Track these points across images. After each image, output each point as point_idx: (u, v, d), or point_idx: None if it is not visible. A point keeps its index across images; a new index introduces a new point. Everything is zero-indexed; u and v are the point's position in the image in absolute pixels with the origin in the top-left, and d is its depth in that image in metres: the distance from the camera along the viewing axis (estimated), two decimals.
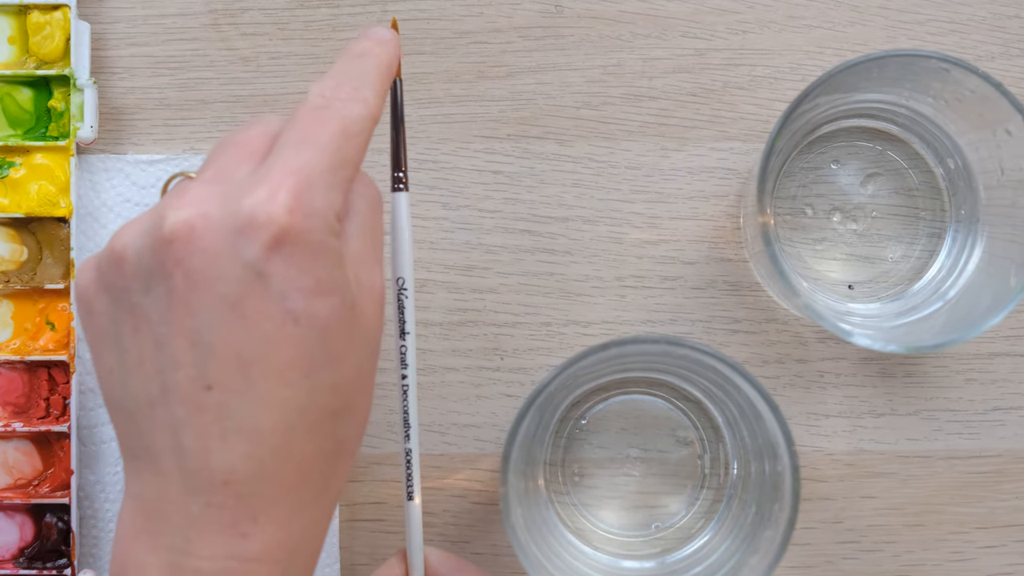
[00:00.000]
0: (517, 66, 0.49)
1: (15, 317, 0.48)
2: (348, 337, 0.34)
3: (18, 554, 0.47)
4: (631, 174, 0.49)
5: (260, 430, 0.33)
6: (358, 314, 0.35)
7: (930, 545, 0.49)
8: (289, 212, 0.33)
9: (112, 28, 0.49)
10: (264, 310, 0.33)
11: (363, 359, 0.35)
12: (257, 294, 0.33)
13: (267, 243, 0.33)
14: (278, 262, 0.33)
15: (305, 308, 0.33)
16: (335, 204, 0.34)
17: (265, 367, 0.33)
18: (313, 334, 0.33)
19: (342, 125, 0.35)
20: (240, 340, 0.33)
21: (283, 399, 0.33)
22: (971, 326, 0.42)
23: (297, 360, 0.33)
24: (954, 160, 0.47)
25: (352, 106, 0.35)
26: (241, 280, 0.33)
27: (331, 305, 0.34)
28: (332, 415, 0.34)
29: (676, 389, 0.48)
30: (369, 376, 0.36)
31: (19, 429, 0.47)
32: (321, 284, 0.33)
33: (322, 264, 0.33)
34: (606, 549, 0.48)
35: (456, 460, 0.48)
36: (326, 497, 0.36)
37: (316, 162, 0.34)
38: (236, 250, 0.33)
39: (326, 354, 0.34)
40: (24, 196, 0.48)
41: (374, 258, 0.36)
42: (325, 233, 0.33)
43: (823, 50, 0.49)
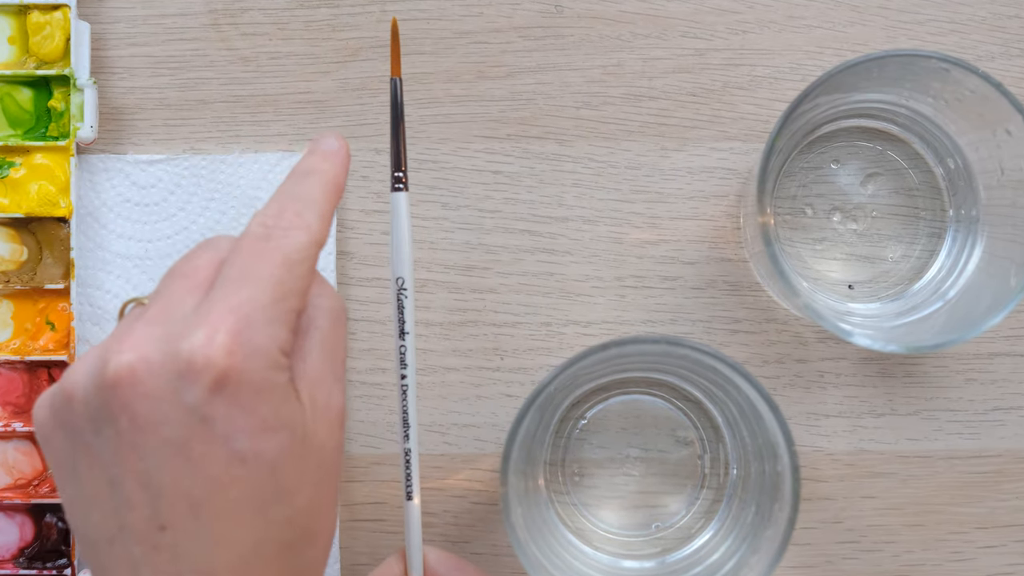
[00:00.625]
0: (517, 66, 0.49)
1: (15, 317, 0.48)
2: (300, 468, 0.34)
3: (18, 554, 0.47)
4: (631, 174, 0.49)
5: (214, 569, 0.33)
6: (311, 442, 0.35)
7: (930, 545, 0.49)
8: (228, 354, 0.33)
9: (112, 28, 0.49)
10: (210, 453, 0.33)
11: (320, 485, 0.35)
12: (201, 437, 0.33)
13: (208, 386, 0.33)
14: (220, 404, 0.33)
15: (251, 448, 0.33)
16: (278, 338, 0.34)
17: (215, 508, 0.33)
18: (262, 472, 0.33)
19: (283, 256, 0.35)
20: (188, 482, 0.33)
21: (235, 539, 0.33)
22: (971, 326, 0.42)
23: (247, 499, 0.33)
24: (954, 160, 0.47)
25: (294, 235, 0.35)
26: (185, 424, 0.33)
27: (278, 441, 0.34)
28: (288, 547, 0.34)
29: (676, 389, 0.48)
30: (328, 500, 0.36)
31: (19, 429, 0.47)
32: (266, 422, 0.33)
33: (266, 402, 0.33)
34: (606, 549, 0.48)
35: (456, 460, 0.48)
36: None
37: (256, 298, 0.34)
38: (178, 394, 0.33)
39: (277, 489, 0.34)
40: (24, 196, 0.48)
41: (333, 376, 0.36)
42: (268, 370, 0.33)
43: (823, 50, 0.49)
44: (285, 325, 0.34)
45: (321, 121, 0.49)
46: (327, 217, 0.37)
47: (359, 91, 0.49)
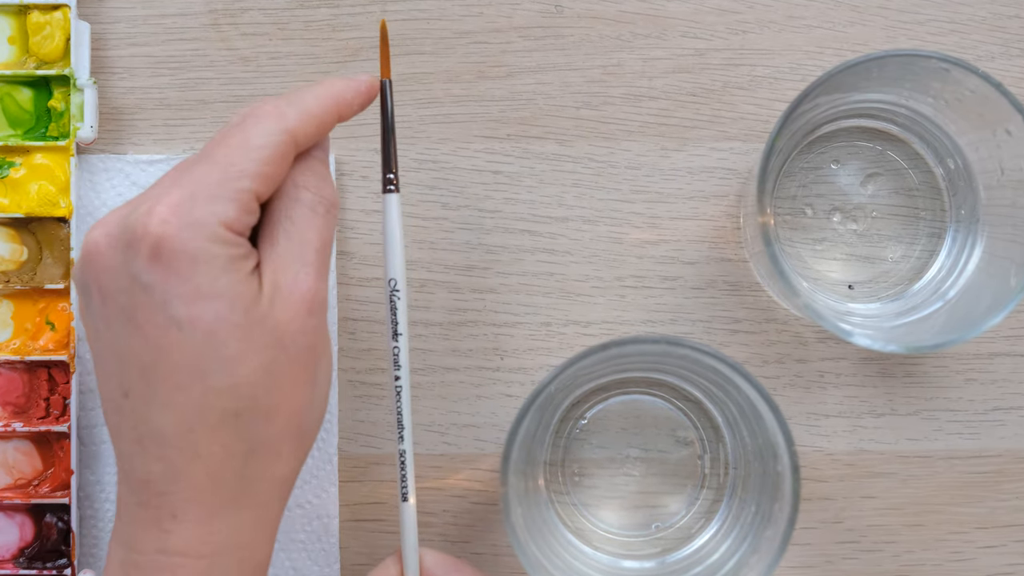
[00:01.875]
0: (517, 66, 0.49)
1: (15, 317, 0.48)
2: (244, 340, 0.35)
3: (18, 554, 0.47)
4: (631, 174, 0.49)
5: (164, 433, 0.36)
6: (263, 318, 0.36)
7: (930, 545, 0.49)
8: (162, 223, 0.35)
9: (112, 28, 0.49)
10: (151, 318, 0.35)
11: (274, 361, 0.36)
12: (144, 304, 0.35)
13: (146, 255, 0.35)
14: (158, 272, 0.35)
15: (186, 313, 0.35)
16: (220, 214, 0.35)
17: (160, 372, 0.35)
18: (198, 338, 0.35)
19: (242, 138, 0.36)
20: (139, 349, 0.35)
21: (179, 403, 0.35)
22: (971, 326, 0.42)
23: (187, 364, 0.35)
24: (954, 160, 0.47)
25: (263, 121, 0.37)
26: (131, 292, 0.35)
27: (214, 309, 0.35)
28: (235, 416, 0.36)
29: (676, 389, 0.48)
30: (287, 379, 0.37)
31: (19, 429, 0.47)
32: (200, 290, 0.35)
33: (202, 271, 0.35)
34: (606, 549, 0.48)
35: (456, 460, 0.48)
36: (250, 499, 0.37)
37: (204, 176, 0.36)
38: (126, 264, 0.35)
39: (217, 357, 0.35)
40: (24, 196, 0.48)
41: (300, 262, 0.37)
42: (205, 241, 0.35)
43: (823, 50, 0.49)
44: (233, 203, 0.36)
45: None
46: (311, 117, 0.38)
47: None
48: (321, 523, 0.48)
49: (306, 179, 0.38)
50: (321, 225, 0.38)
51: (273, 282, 0.36)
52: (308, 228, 0.37)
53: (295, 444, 0.38)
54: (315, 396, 0.38)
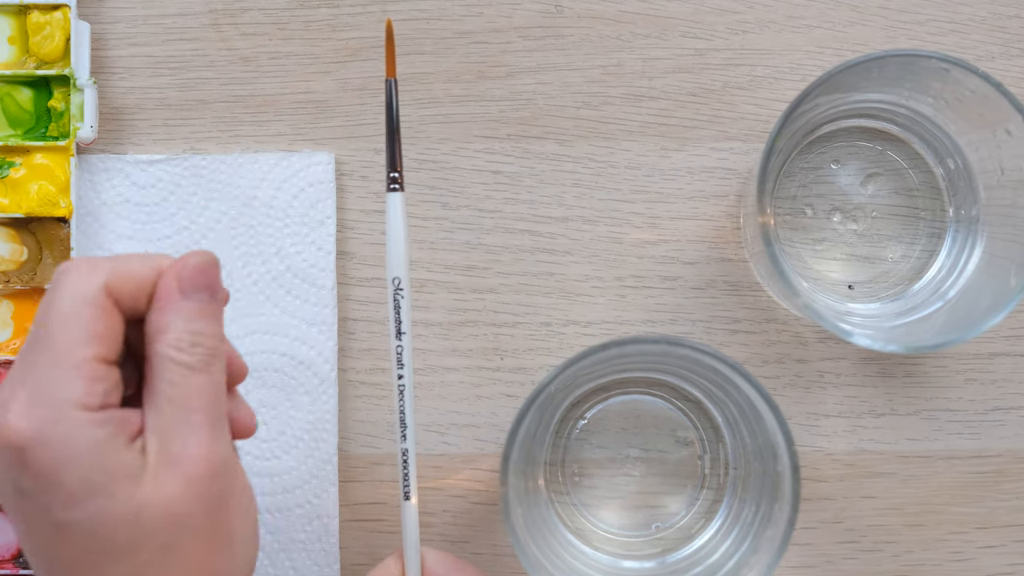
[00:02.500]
0: (517, 66, 0.49)
1: (15, 317, 0.48)
2: (133, 527, 0.33)
3: (18, 554, 0.47)
4: (631, 174, 0.49)
5: None
6: (149, 499, 0.33)
7: (930, 545, 0.49)
8: (18, 432, 0.33)
9: (112, 28, 0.49)
10: (36, 524, 0.34)
11: (175, 539, 0.34)
12: (27, 508, 0.34)
13: (17, 464, 0.33)
14: (29, 478, 0.33)
15: (66, 518, 0.33)
16: (70, 397, 0.33)
17: (60, 569, 0.34)
18: (83, 538, 0.33)
19: (56, 308, 0.34)
20: (36, 547, 0.34)
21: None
22: (971, 326, 0.42)
23: (82, 560, 0.34)
24: (954, 160, 0.47)
25: (68, 277, 0.34)
26: (16, 498, 0.34)
27: (93, 508, 0.33)
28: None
29: (676, 389, 0.48)
30: (194, 554, 0.34)
31: None
32: (73, 493, 0.33)
33: (72, 470, 0.33)
34: (606, 549, 0.48)
35: (456, 460, 0.48)
36: None
37: (37, 363, 0.34)
38: (5, 471, 0.34)
39: (109, 550, 0.33)
40: (24, 196, 0.48)
41: (186, 425, 0.34)
42: (67, 435, 0.33)
43: (823, 50, 0.49)
44: (77, 380, 0.33)
45: (321, 121, 0.49)
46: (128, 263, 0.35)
47: (359, 91, 0.49)
48: (321, 523, 0.48)
49: (176, 337, 0.35)
50: (203, 382, 0.35)
51: (159, 452, 0.34)
52: (191, 388, 0.35)
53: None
54: (233, 559, 0.36)
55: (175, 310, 0.35)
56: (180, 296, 0.35)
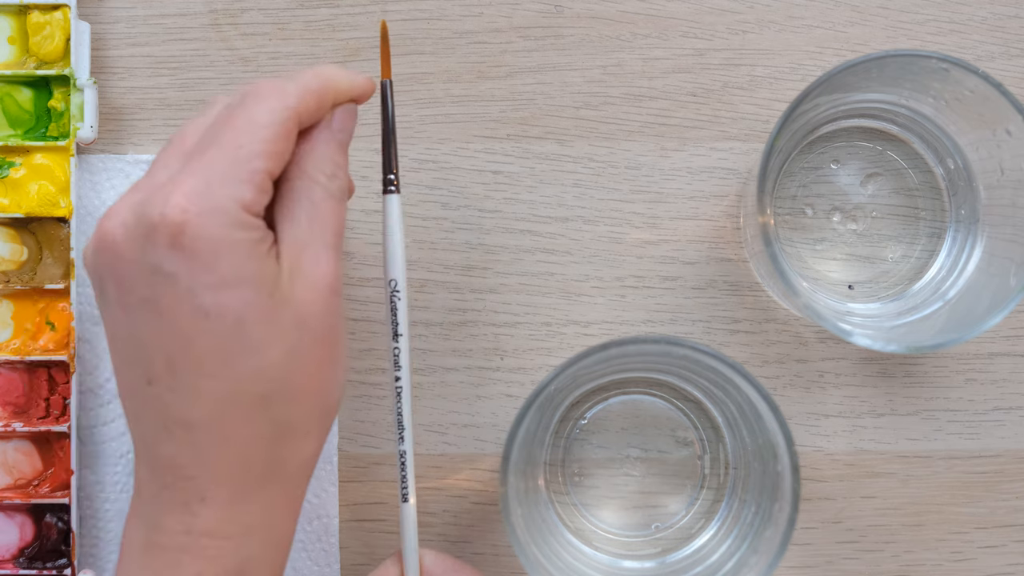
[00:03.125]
0: (517, 66, 0.49)
1: (15, 317, 0.48)
2: (269, 324, 0.35)
3: (18, 554, 0.47)
4: (631, 174, 0.49)
5: (192, 420, 0.36)
6: (286, 301, 0.36)
7: (930, 545, 0.49)
8: (182, 212, 0.35)
9: (112, 28, 0.49)
10: (176, 307, 0.35)
11: (300, 344, 0.36)
12: (168, 293, 0.35)
13: (166, 244, 0.35)
14: (180, 260, 0.35)
15: (212, 301, 0.35)
16: (237, 197, 0.35)
17: (186, 360, 0.35)
18: (226, 325, 0.35)
19: (246, 119, 0.36)
20: (163, 337, 0.35)
21: (207, 389, 0.35)
22: (971, 326, 0.42)
23: (214, 351, 0.35)
24: (954, 160, 0.47)
25: (264, 101, 0.37)
26: (153, 282, 0.35)
27: (241, 296, 0.35)
28: (263, 400, 0.36)
29: (676, 389, 0.48)
30: (312, 360, 0.37)
31: (19, 429, 0.47)
32: (225, 278, 0.35)
33: (225, 258, 0.35)
34: (606, 549, 0.48)
35: (456, 460, 0.48)
36: (277, 480, 0.37)
37: (216, 160, 0.35)
38: (145, 254, 0.35)
39: (243, 343, 0.35)
40: (24, 196, 0.48)
41: (322, 243, 0.37)
42: (226, 227, 0.35)
43: (823, 50, 0.49)
44: (248, 184, 0.35)
45: None
46: (310, 92, 0.38)
47: None
48: (321, 523, 0.48)
49: (324, 163, 0.38)
50: (338, 209, 0.38)
51: (294, 263, 0.36)
52: (328, 211, 0.37)
53: (320, 423, 0.38)
54: (336, 375, 0.38)
55: (325, 141, 0.38)
56: (330, 132, 0.38)
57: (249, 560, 0.37)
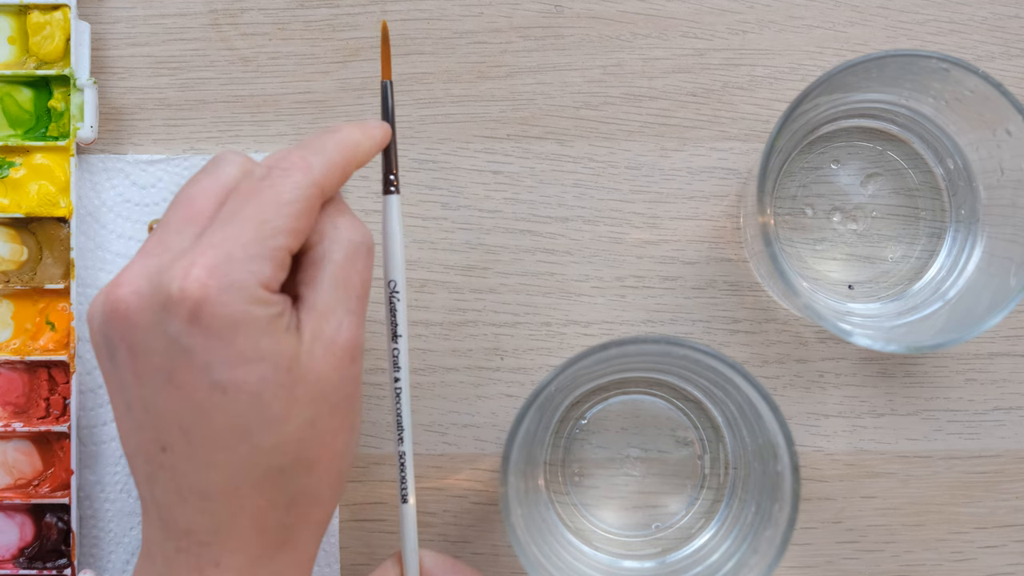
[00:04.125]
0: (517, 66, 0.49)
1: (15, 317, 0.48)
2: (288, 398, 0.35)
3: (18, 554, 0.47)
4: (631, 174, 0.49)
5: (208, 490, 0.36)
6: (305, 373, 0.36)
7: (930, 545, 0.49)
8: (202, 286, 0.34)
9: (112, 28, 0.49)
10: (192, 381, 0.35)
11: (317, 414, 0.36)
12: (184, 367, 0.35)
13: (185, 318, 0.34)
14: (198, 335, 0.34)
15: (230, 378, 0.35)
16: (259, 274, 0.35)
17: (202, 433, 0.35)
18: (243, 401, 0.35)
19: (274, 194, 0.36)
20: (179, 408, 0.35)
21: (223, 461, 0.35)
22: (971, 326, 0.42)
23: (232, 426, 0.35)
24: (954, 160, 0.47)
25: (291, 175, 0.36)
26: (169, 353, 0.35)
27: (259, 372, 0.35)
28: (279, 472, 0.36)
29: (676, 389, 0.48)
30: (328, 429, 0.37)
31: (19, 429, 0.47)
32: (244, 354, 0.35)
33: (244, 334, 0.35)
34: (606, 549, 0.48)
35: (456, 460, 0.48)
36: (290, 546, 0.37)
37: (239, 235, 0.35)
38: (162, 325, 0.35)
39: (262, 418, 0.35)
40: (24, 196, 0.48)
41: (344, 309, 0.37)
42: (246, 303, 0.34)
43: (823, 50, 0.49)
44: (270, 261, 0.35)
45: (321, 121, 0.49)
46: (335, 166, 0.38)
47: (359, 91, 0.49)
48: None
49: (343, 221, 0.37)
50: (363, 268, 0.37)
51: (315, 331, 0.36)
52: (352, 272, 0.37)
53: (334, 489, 0.38)
54: (351, 440, 0.38)
55: (342, 210, 0.38)
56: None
57: None
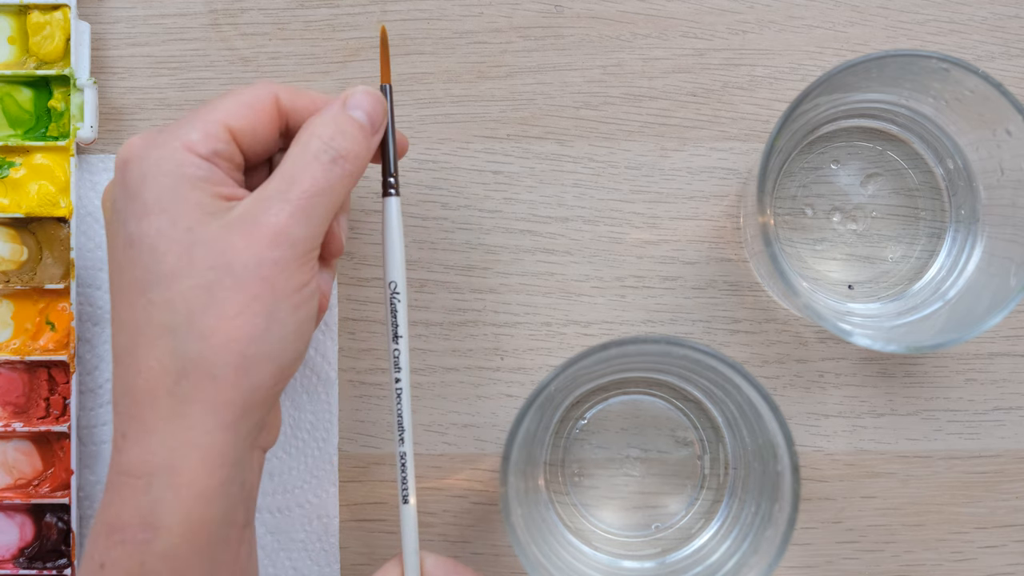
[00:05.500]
0: (517, 66, 0.49)
1: (15, 317, 0.48)
2: (183, 255, 0.36)
3: (18, 554, 0.47)
4: (631, 174, 0.49)
5: (118, 349, 0.37)
6: (209, 236, 0.36)
7: (930, 545, 0.49)
8: (130, 147, 0.37)
9: (112, 28, 0.49)
10: (115, 237, 0.37)
11: (214, 283, 0.36)
12: (112, 223, 0.37)
13: (119, 178, 0.37)
14: (120, 191, 0.37)
15: (136, 230, 0.36)
16: (184, 137, 0.37)
17: (118, 289, 0.37)
18: (144, 253, 0.36)
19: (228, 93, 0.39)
20: (111, 267, 0.38)
21: (126, 318, 0.37)
22: (971, 326, 0.42)
23: (134, 280, 0.36)
24: (954, 160, 0.47)
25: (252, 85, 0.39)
26: (108, 211, 0.38)
27: (156, 224, 0.36)
28: (170, 331, 0.36)
29: (676, 389, 0.48)
30: (231, 302, 0.36)
31: (19, 429, 0.47)
32: (148, 206, 0.36)
33: (151, 187, 0.36)
34: (606, 549, 0.48)
35: (456, 460, 0.48)
36: (180, 421, 0.36)
37: (185, 116, 0.38)
38: (111, 191, 0.38)
39: (156, 271, 0.36)
40: (24, 196, 0.48)
41: (282, 198, 0.37)
42: (160, 161, 0.36)
43: (823, 50, 0.49)
44: (197, 130, 0.37)
45: None
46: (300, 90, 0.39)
47: None
48: (321, 523, 0.48)
49: (323, 129, 0.38)
50: (318, 171, 0.38)
51: (244, 209, 0.37)
52: (302, 170, 0.37)
53: (234, 372, 0.36)
54: (269, 331, 0.36)
55: (333, 115, 0.39)
56: (341, 107, 0.39)
57: (158, 503, 0.36)
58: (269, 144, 0.40)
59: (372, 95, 0.40)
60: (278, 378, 0.37)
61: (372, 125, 0.40)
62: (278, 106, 0.39)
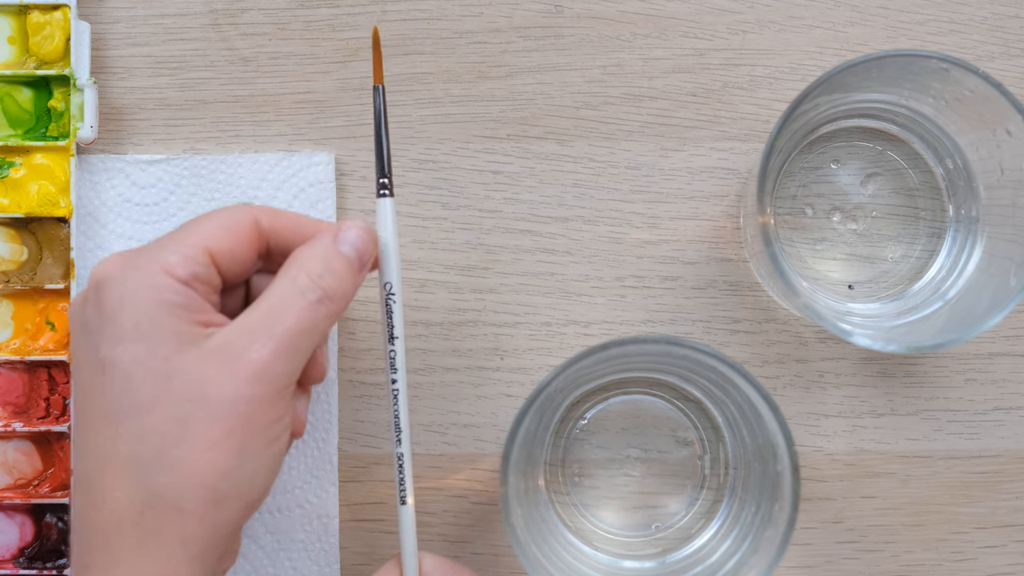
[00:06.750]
0: (517, 66, 0.49)
1: (15, 317, 0.48)
2: (159, 386, 0.35)
3: (18, 554, 0.47)
4: (631, 174, 0.49)
5: (83, 476, 0.36)
6: (185, 368, 0.35)
7: (930, 545, 0.49)
8: (106, 267, 0.36)
9: (112, 28, 0.49)
10: (85, 360, 0.36)
11: (190, 416, 0.35)
12: (82, 345, 0.36)
13: (92, 298, 0.36)
14: (94, 312, 0.35)
15: (109, 356, 0.35)
16: (163, 260, 0.36)
17: (87, 415, 0.36)
18: (117, 381, 0.35)
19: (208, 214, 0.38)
20: (77, 391, 0.36)
21: (93, 446, 0.35)
22: (971, 326, 0.42)
23: (105, 407, 0.35)
24: (954, 160, 0.47)
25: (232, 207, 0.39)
26: (79, 335, 0.36)
27: (133, 352, 0.35)
28: (137, 464, 0.35)
29: (676, 389, 0.48)
30: (205, 437, 0.35)
31: (19, 429, 0.47)
32: (124, 332, 0.35)
33: (128, 312, 0.35)
34: (606, 549, 0.48)
35: (456, 460, 0.48)
36: (147, 551, 0.35)
37: (164, 238, 0.37)
38: (81, 308, 0.37)
39: (130, 401, 0.35)
40: (24, 196, 0.48)
41: (267, 334, 0.36)
42: (139, 285, 0.35)
43: (823, 50, 0.49)
44: (176, 254, 0.36)
45: (321, 121, 0.49)
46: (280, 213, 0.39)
47: (359, 91, 0.49)
48: (321, 523, 0.48)
49: (312, 265, 0.37)
50: (303, 310, 0.37)
51: (224, 340, 0.36)
52: (288, 306, 0.37)
53: (203, 506, 0.35)
54: (242, 467, 0.36)
55: (324, 245, 0.38)
56: (332, 241, 0.38)
57: None
58: (248, 266, 0.39)
59: (364, 232, 0.39)
60: (245, 513, 0.37)
61: (360, 261, 0.39)
62: (258, 228, 0.38)
